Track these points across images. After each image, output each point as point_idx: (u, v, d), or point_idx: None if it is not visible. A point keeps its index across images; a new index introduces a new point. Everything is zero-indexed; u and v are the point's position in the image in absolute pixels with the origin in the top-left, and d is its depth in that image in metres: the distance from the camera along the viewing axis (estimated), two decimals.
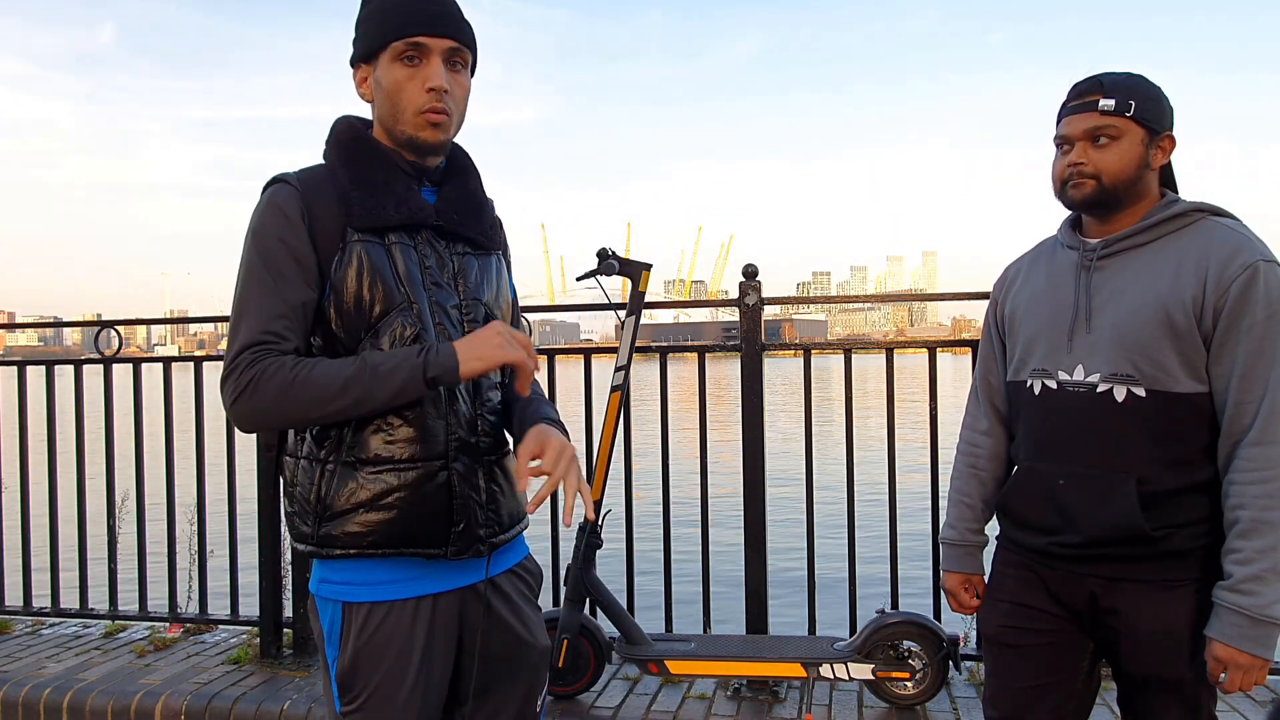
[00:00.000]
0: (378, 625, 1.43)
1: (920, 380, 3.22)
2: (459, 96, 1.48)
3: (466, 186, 1.57)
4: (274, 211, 1.41)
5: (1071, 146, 1.64)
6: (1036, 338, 1.70)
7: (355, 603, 1.43)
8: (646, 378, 8.98)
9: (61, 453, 3.78)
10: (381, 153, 1.48)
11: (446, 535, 1.44)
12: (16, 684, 3.18)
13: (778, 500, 3.71)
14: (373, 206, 1.43)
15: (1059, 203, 1.72)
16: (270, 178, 1.47)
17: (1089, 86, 1.63)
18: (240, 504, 3.56)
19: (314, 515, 1.43)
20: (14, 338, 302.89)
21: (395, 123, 1.46)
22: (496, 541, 1.51)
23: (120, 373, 3.68)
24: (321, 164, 1.50)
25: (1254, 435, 1.51)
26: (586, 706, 2.95)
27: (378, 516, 1.41)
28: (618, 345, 3.03)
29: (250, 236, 1.42)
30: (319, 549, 1.43)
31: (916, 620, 2.83)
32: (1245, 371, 1.51)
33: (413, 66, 1.43)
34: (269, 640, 3.42)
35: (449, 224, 1.50)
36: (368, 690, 1.43)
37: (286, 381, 1.35)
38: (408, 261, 1.45)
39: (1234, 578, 1.50)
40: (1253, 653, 1.49)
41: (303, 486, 1.45)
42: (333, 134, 1.52)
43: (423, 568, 1.45)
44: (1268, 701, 2.87)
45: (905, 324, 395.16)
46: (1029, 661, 1.72)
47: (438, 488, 1.43)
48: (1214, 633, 1.52)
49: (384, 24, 1.44)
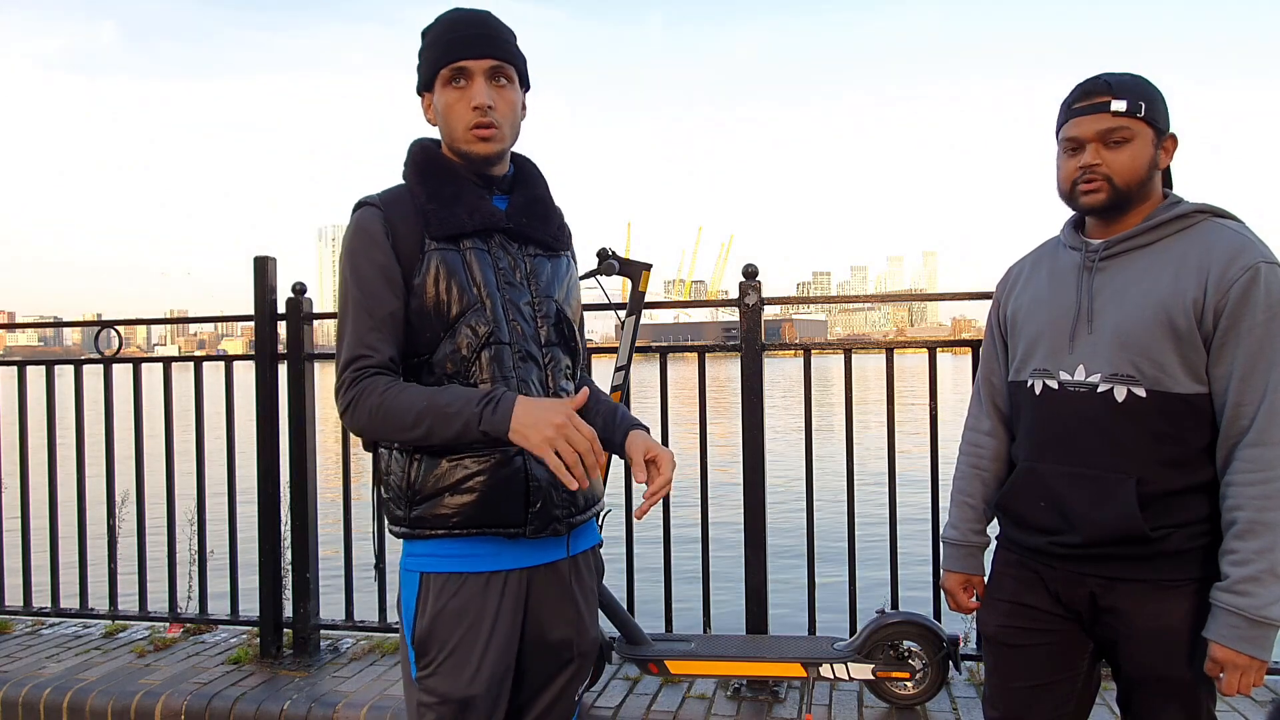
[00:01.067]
0: (454, 594, 1.55)
1: (920, 380, 3.22)
2: (505, 110, 1.60)
3: (534, 193, 1.70)
4: (360, 233, 1.57)
5: (1081, 148, 1.63)
6: (1038, 338, 1.70)
7: (433, 573, 1.57)
8: (646, 378, 8.98)
9: (61, 453, 3.78)
10: (452, 168, 1.63)
11: (524, 515, 1.56)
12: (16, 684, 3.18)
13: (778, 500, 3.71)
14: (447, 217, 1.57)
15: (1064, 204, 1.71)
16: (357, 201, 1.62)
17: (1097, 87, 1.61)
18: (240, 504, 3.56)
19: (406, 500, 1.57)
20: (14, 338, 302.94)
21: (452, 140, 1.61)
22: (574, 521, 1.63)
23: (120, 373, 3.68)
24: (402, 184, 1.64)
25: (1252, 436, 1.51)
26: (586, 706, 2.95)
27: (460, 499, 1.54)
28: (618, 345, 3.03)
29: (344, 258, 1.59)
30: (411, 530, 1.58)
31: (916, 620, 2.83)
32: (1245, 373, 1.51)
33: (459, 89, 1.58)
34: (269, 640, 3.42)
35: (519, 227, 1.63)
36: (443, 654, 1.55)
37: (375, 406, 1.51)
38: (482, 265, 1.58)
39: (1231, 579, 1.50)
40: (1250, 654, 1.49)
41: (396, 475, 1.59)
42: (409, 156, 1.66)
43: (501, 545, 1.57)
44: (1268, 701, 2.87)
45: (905, 324, 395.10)
46: (1029, 661, 1.73)
47: (514, 472, 1.55)
48: (1211, 634, 1.52)
49: (433, 54, 1.60)
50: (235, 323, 3.91)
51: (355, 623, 3.51)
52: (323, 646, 3.53)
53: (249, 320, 3.51)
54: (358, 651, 3.48)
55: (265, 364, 3.44)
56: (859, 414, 3.31)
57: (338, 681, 3.17)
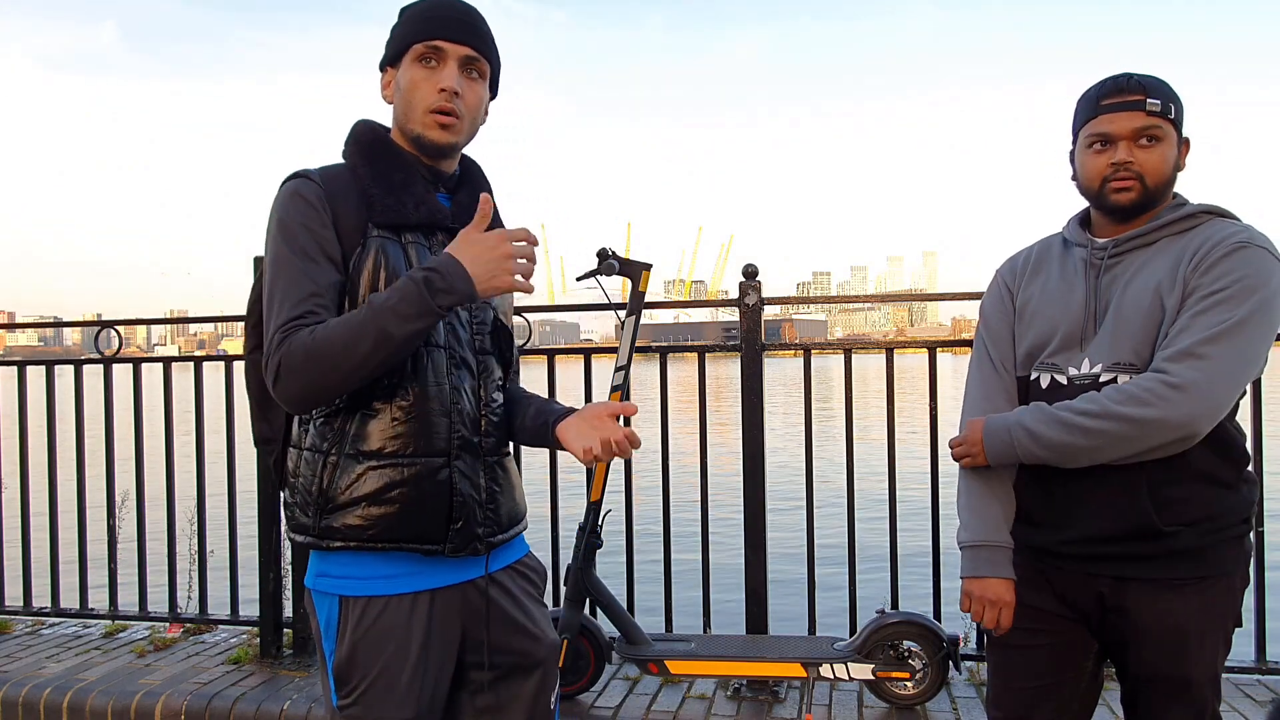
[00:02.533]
0: (375, 619, 1.44)
1: (920, 380, 3.22)
2: (471, 103, 1.53)
3: (478, 196, 1.60)
4: (298, 201, 1.45)
5: (1111, 145, 1.62)
6: (1047, 335, 1.68)
7: (353, 596, 1.45)
8: (646, 378, 8.98)
9: (61, 453, 3.78)
10: (400, 154, 1.54)
11: (445, 532, 1.46)
12: (16, 684, 3.18)
13: (778, 500, 3.71)
14: (393, 204, 1.48)
15: (1088, 201, 1.70)
16: (290, 173, 1.50)
17: (1130, 85, 1.60)
18: (240, 504, 3.56)
19: (315, 507, 1.46)
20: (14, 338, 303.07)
21: (407, 120, 1.52)
22: (494, 541, 1.53)
23: (120, 373, 3.68)
24: (341, 163, 1.54)
25: (1169, 353, 1.50)
26: (586, 706, 2.95)
27: (378, 510, 1.43)
28: (618, 345, 3.03)
29: (275, 227, 1.46)
30: (318, 540, 1.45)
31: (916, 620, 2.83)
32: (1200, 310, 1.50)
33: (429, 68, 1.50)
34: (269, 640, 3.42)
35: (462, 227, 1.53)
36: (365, 683, 1.44)
37: (308, 344, 1.36)
38: (422, 261, 1.47)
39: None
40: (982, 435, 1.64)
41: (305, 478, 1.47)
42: (353, 134, 1.56)
43: (420, 563, 1.48)
44: (1267, 701, 2.87)
45: (905, 324, 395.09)
46: (1033, 662, 1.72)
47: (439, 484, 1.46)
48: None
49: (408, 29, 1.51)
50: (235, 323, 3.91)
51: None
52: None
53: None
54: None
55: None
56: (859, 414, 3.31)
57: None
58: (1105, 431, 1.50)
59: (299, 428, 1.52)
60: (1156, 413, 1.47)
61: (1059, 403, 1.58)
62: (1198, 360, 1.47)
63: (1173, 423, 1.47)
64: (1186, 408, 1.47)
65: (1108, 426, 1.50)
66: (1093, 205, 1.70)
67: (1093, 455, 1.54)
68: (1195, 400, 1.46)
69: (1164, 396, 1.47)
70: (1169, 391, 1.47)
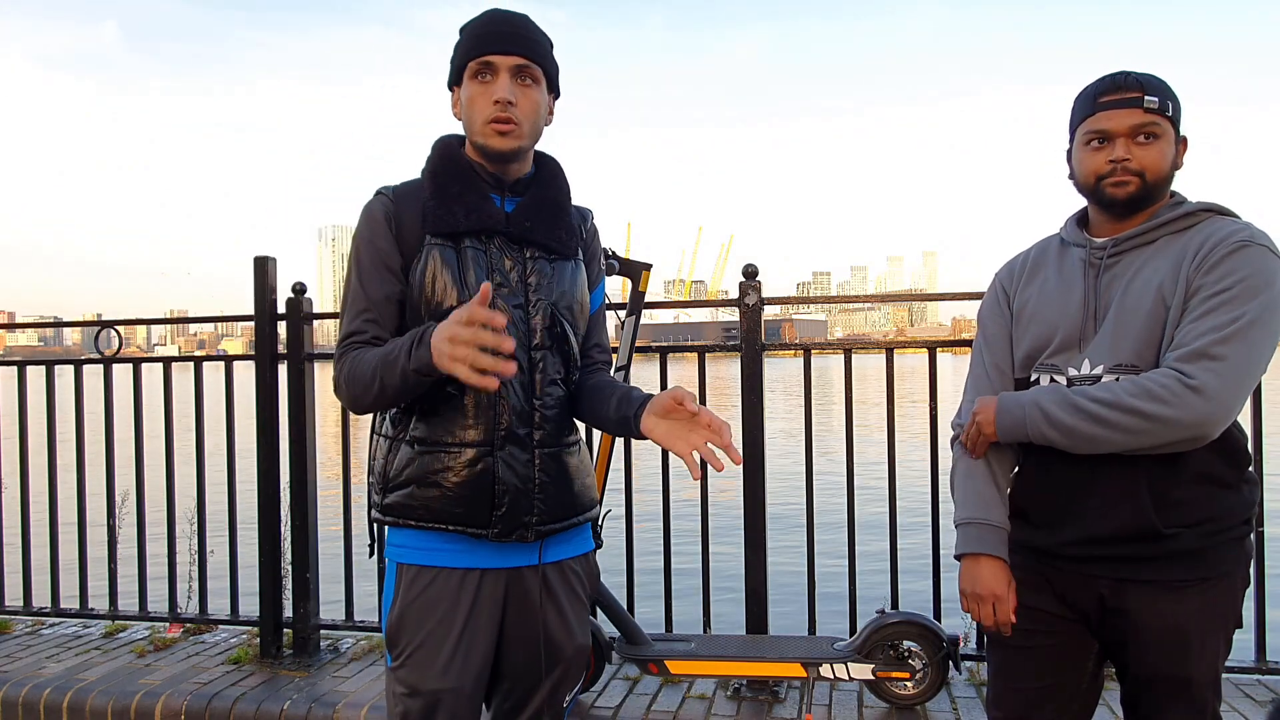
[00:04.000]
0: (425, 587, 1.58)
1: (920, 380, 3.22)
2: (527, 108, 1.61)
3: (546, 195, 1.70)
4: (367, 219, 1.63)
5: (1109, 141, 1.62)
6: (1046, 335, 1.68)
7: (407, 564, 1.60)
8: (646, 378, 8.98)
9: (61, 453, 3.78)
10: (465, 165, 1.65)
11: (489, 517, 1.57)
12: (16, 684, 3.18)
13: (778, 500, 3.71)
14: (443, 214, 1.60)
15: (1084, 197, 1.70)
16: (375, 190, 1.67)
17: (1128, 82, 1.60)
18: (240, 504, 3.56)
19: (381, 486, 1.63)
20: (14, 338, 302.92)
21: (471, 133, 1.64)
22: (544, 530, 1.62)
23: (120, 373, 3.68)
24: (419, 178, 1.68)
25: (1182, 353, 1.49)
26: (586, 706, 2.95)
27: (425, 493, 1.57)
28: (618, 345, 3.03)
29: (353, 242, 1.66)
30: (382, 516, 1.63)
31: (916, 620, 2.83)
32: (1207, 310, 1.50)
33: (484, 83, 1.60)
34: (269, 640, 3.42)
35: (517, 230, 1.63)
36: (412, 646, 1.57)
37: (348, 372, 1.56)
38: (476, 264, 1.59)
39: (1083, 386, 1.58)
40: (995, 411, 1.64)
41: (377, 461, 1.65)
42: (430, 152, 1.70)
43: (470, 544, 1.59)
44: (1268, 701, 2.87)
45: (905, 324, 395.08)
46: (1033, 663, 1.72)
47: (480, 472, 1.57)
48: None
49: (463, 49, 1.62)
50: (235, 323, 3.91)
51: (355, 623, 3.51)
52: (323, 646, 3.53)
53: (249, 320, 3.51)
54: (358, 651, 3.48)
55: (265, 364, 3.44)
56: (859, 414, 3.31)
57: (338, 681, 3.17)
58: (1118, 423, 1.50)
59: (377, 416, 1.68)
60: (1172, 412, 1.47)
61: (1077, 387, 1.58)
62: (1213, 362, 1.46)
63: (1187, 423, 1.47)
64: (1202, 410, 1.46)
65: (1121, 419, 1.50)
66: (1090, 202, 1.70)
67: (1101, 444, 1.53)
68: (1212, 404, 1.46)
69: (1181, 396, 1.46)
70: (1186, 393, 1.46)
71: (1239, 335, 1.47)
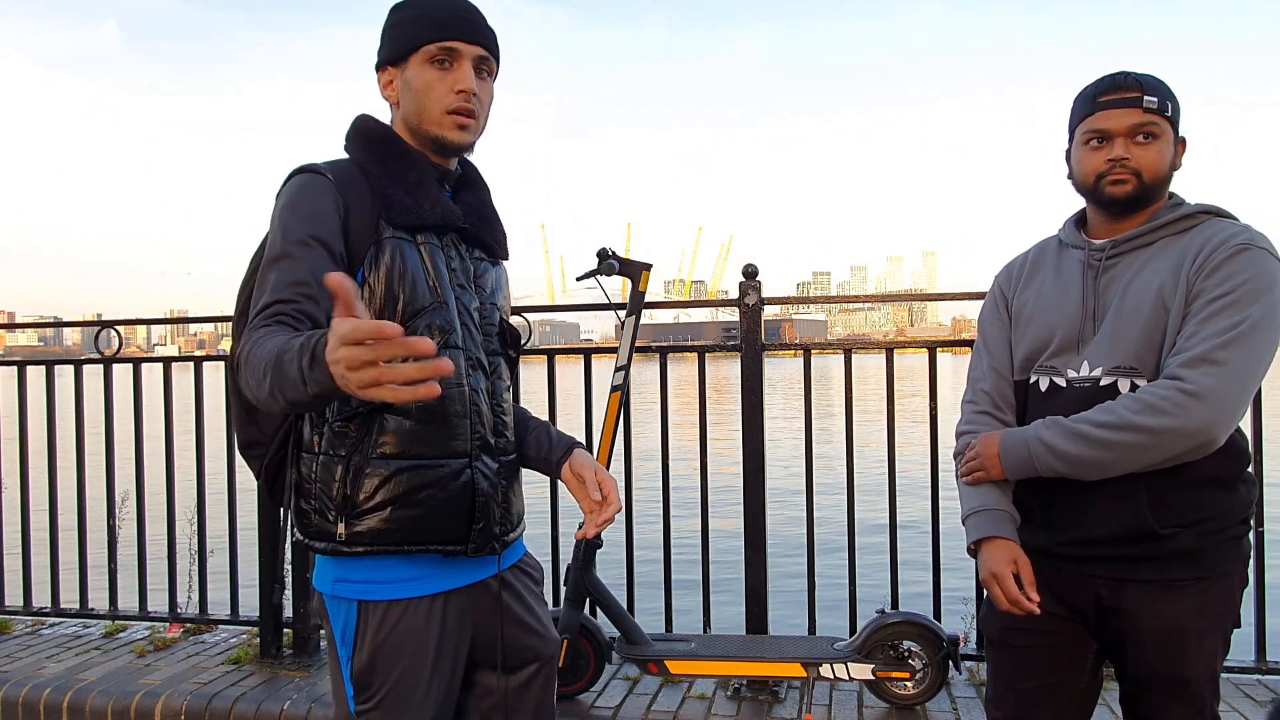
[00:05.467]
0: (395, 624, 1.44)
1: (920, 380, 3.22)
2: (485, 102, 1.53)
3: (481, 196, 1.63)
4: (305, 194, 1.41)
5: (1108, 141, 1.62)
6: (1045, 337, 1.68)
7: (372, 601, 1.44)
8: (646, 378, 8.98)
9: (61, 453, 3.78)
10: (412, 154, 1.52)
11: (467, 533, 1.48)
12: (16, 684, 3.18)
13: (778, 500, 3.71)
14: (411, 205, 1.46)
15: (1083, 196, 1.70)
16: (296, 167, 1.47)
17: (1127, 82, 1.61)
18: (240, 504, 3.56)
19: (337, 512, 1.43)
20: (14, 338, 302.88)
21: (421, 122, 1.50)
22: (507, 540, 1.57)
23: (120, 373, 3.68)
24: (346, 159, 1.51)
25: (1183, 359, 1.49)
26: (586, 706, 2.95)
27: (404, 513, 1.42)
28: (618, 345, 3.03)
29: (279, 216, 1.41)
30: (340, 546, 1.43)
31: (916, 620, 2.83)
32: (1209, 315, 1.50)
33: (443, 69, 1.48)
34: (269, 640, 3.42)
35: (473, 228, 1.56)
36: (385, 688, 1.44)
37: (243, 355, 1.28)
38: (435, 262, 1.48)
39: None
40: (1000, 449, 1.64)
41: (324, 483, 1.44)
42: (359, 131, 1.53)
43: (440, 564, 1.49)
44: (1268, 701, 2.87)
45: (905, 324, 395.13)
46: (1032, 663, 1.72)
47: (462, 486, 1.47)
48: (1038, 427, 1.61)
49: (417, 29, 1.48)
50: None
51: None
52: (323, 647, 3.53)
53: None
54: None
55: None
56: (859, 414, 3.31)
57: None
58: (1124, 443, 1.50)
59: (311, 432, 1.48)
60: (1175, 421, 1.47)
61: (1075, 415, 1.57)
62: (1213, 366, 1.46)
63: (1191, 430, 1.47)
64: (1205, 415, 1.46)
65: (1126, 438, 1.49)
66: (1089, 201, 1.70)
67: (1112, 467, 1.53)
68: (1213, 407, 1.46)
69: (1181, 404, 1.46)
70: (1187, 400, 1.46)
71: (1240, 340, 1.47)
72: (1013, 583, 1.59)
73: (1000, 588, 1.60)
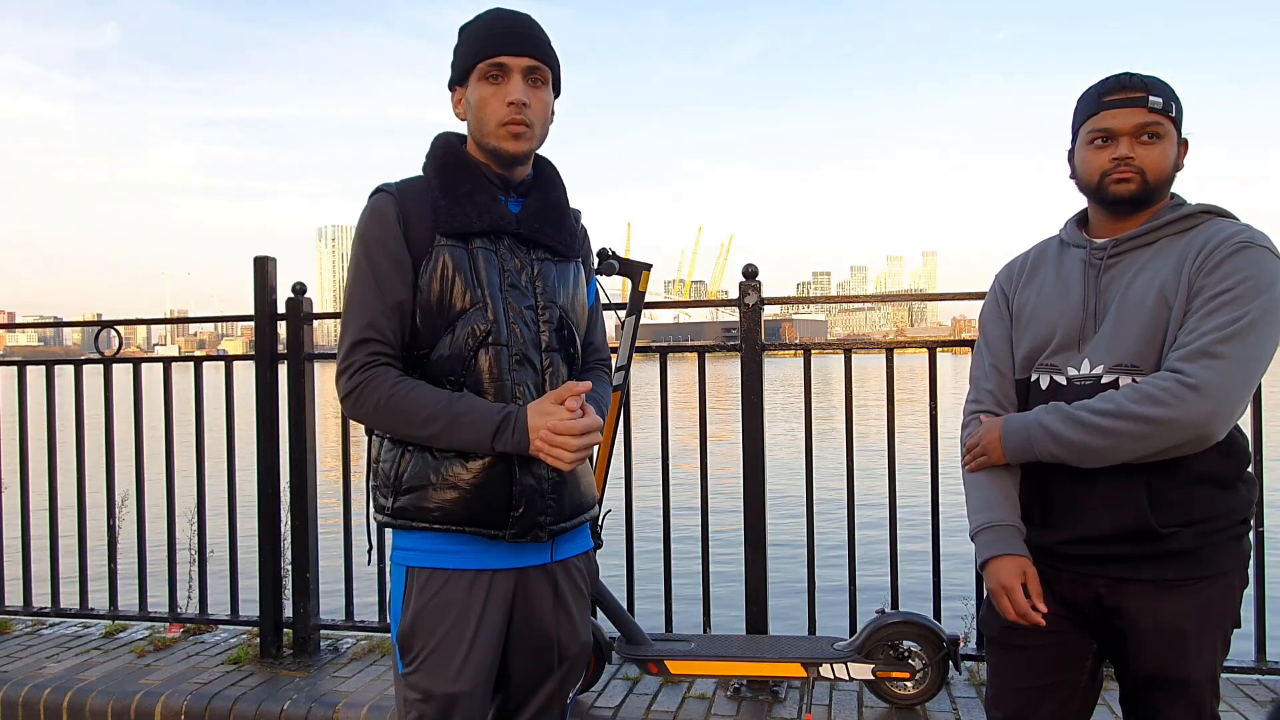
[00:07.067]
0: (437, 590, 1.57)
1: (920, 380, 3.22)
2: (538, 110, 1.62)
3: (549, 198, 1.71)
4: (376, 217, 1.59)
5: (1113, 140, 1.63)
6: (1046, 335, 1.69)
7: (418, 567, 1.59)
8: (646, 378, 8.99)
9: (61, 453, 3.78)
10: (471, 165, 1.64)
11: (506, 519, 1.57)
12: (16, 684, 3.18)
13: (778, 500, 3.71)
14: (457, 214, 1.59)
15: (1087, 196, 1.70)
16: (375, 187, 1.64)
17: (1132, 82, 1.62)
18: (240, 504, 3.56)
19: (390, 489, 1.60)
20: (14, 338, 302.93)
21: (481, 135, 1.62)
22: (556, 530, 1.63)
23: (120, 373, 3.68)
24: (420, 175, 1.66)
25: (1183, 353, 1.49)
26: (586, 706, 2.95)
27: (444, 495, 1.56)
28: (618, 345, 3.03)
29: (357, 241, 1.61)
30: (392, 520, 1.60)
31: (916, 620, 2.83)
32: (1209, 311, 1.50)
33: (495, 84, 1.59)
34: (269, 640, 3.42)
35: (528, 231, 1.64)
36: (426, 650, 1.57)
37: (383, 400, 1.53)
38: (488, 265, 1.59)
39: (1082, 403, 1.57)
40: (1001, 433, 1.65)
41: (385, 463, 1.62)
42: (431, 149, 1.68)
43: (484, 545, 1.59)
44: (1268, 701, 2.87)
45: (905, 324, 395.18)
46: (1033, 662, 1.72)
47: (499, 475, 1.56)
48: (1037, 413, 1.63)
49: (470, 49, 1.61)
50: (235, 323, 3.92)
51: (355, 623, 3.51)
52: (323, 646, 3.53)
53: (249, 320, 3.51)
54: (358, 651, 3.48)
55: (265, 364, 3.44)
56: (859, 414, 3.31)
57: (338, 681, 3.17)
58: (1122, 431, 1.50)
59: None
60: (1173, 413, 1.47)
61: (1077, 402, 1.58)
62: (1213, 360, 1.47)
63: (1189, 423, 1.47)
64: (1203, 408, 1.46)
65: (1124, 426, 1.50)
66: (1092, 200, 1.70)
67: (1109, 455, 1.53)
68: (1211, 400, 1.46)
69: (1180, 396, 1.47)
70: (1185, 392, 1.47)
71: (1240, 335, 1.48)
72: (1022, 596, 1.61)
73: (1009, 599, 1.62)
